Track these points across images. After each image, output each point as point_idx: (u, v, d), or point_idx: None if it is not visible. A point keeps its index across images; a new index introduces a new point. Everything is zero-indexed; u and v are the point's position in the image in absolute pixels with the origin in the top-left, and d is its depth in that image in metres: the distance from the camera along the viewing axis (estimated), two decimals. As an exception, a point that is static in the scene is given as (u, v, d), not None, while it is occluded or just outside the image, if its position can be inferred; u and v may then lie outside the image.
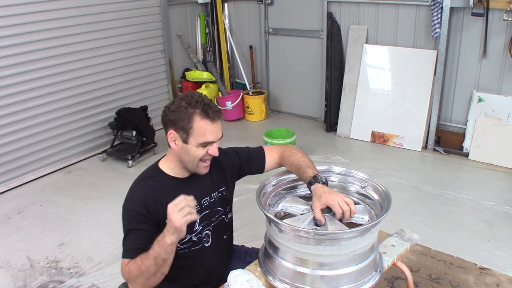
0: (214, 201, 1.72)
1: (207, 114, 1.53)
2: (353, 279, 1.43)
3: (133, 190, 1.63)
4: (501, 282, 2.28)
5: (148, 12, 4.90)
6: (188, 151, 1.56)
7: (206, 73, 5.45)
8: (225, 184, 1.77)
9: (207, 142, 1.55)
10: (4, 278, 2.77)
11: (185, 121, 1.52)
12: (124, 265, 1.52)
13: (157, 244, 1.43)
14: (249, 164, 1.83)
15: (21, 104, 3.91)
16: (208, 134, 1.54)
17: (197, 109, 1.52)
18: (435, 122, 4.33)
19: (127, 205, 1.60)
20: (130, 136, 4.32)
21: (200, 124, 1.52)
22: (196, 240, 1.68)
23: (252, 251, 1.93)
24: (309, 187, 1.59)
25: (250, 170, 1.84)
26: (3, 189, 3.86)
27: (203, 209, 1.68)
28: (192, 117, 1.52)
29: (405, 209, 3.37)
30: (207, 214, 1.70)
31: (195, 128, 1.52)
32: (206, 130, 1.53)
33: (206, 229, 1.70)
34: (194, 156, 1.57)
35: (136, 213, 1.55)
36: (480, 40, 4.00)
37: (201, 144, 1.54)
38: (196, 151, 1.56)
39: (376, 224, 1.42)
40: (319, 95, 5.15)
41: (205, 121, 1.53)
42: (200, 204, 1.67)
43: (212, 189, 1.72)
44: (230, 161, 1.79)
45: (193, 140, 1.54)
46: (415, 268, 2.44)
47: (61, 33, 4.10)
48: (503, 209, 3.35)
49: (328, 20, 4.75)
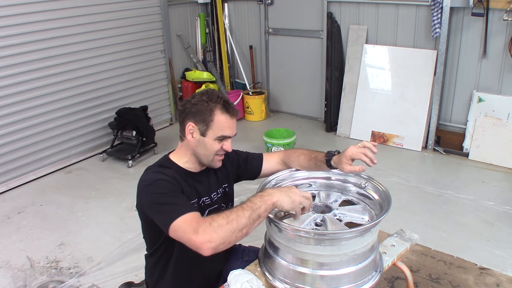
0: (220, 196, 1.76)
1: (227, 109, 1.58)
2: (353, 279, 1.43)
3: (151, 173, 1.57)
4: (501, 282, 2.29)
5: (148, 12, 4.90)
6: (205, 144, 1.60)
7: (206, 73, 5.45)
8: (228, 181, 1.81)
9: (225, 136, 1.59)
10: (4, 278, 2.77)
11: (206, 114, 1.57)
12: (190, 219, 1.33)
13: (259, 198, 1.38)
14: (247, 165, 1.87)
15: (21, 104, 3.91)
16: (227, 129, 1.59)
17: (218, 104, 1.57)
18: (435, 122, 4.33)
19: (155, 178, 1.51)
20: (130, 136, 4.32)
21: (220, 118, 1.57)
22: None
23: (250, 249, 1.94)
24: (329, 164, 1.69)
25: (248, 171, 1.88)
26: (3, 189, 3.86)
27: (213, 203, 1.72)
28: (213, 110, 1.56)
29: (405, 209, 3.37)
30: (215, 209, 1.72)
31: (216, 122, 1.57)
32: (225, 125, 1.58)
33: None
34: (210, 150, 1.60)
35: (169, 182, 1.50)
36: (480, 40, 4.00)
37: (218, 137, 1.59)
38: (212, 144, 1.59)
39: (376, 224, 1.41)
40: (319, 95, 5.15)
41: (225, 115, 1.58)
42: (210, 198, 1.71)
43: (218, 185, 1.76)
44: (231, 160, 1.84)
45: (212, 133, 1.58)
46: (415, 268, 2.45)
47: (61, 33, 4.10)
48: (503, 209, 3.35)
49: (328, 20, 4.75)
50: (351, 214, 1.58)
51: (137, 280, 2.14)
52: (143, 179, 1.56)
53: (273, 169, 1.85)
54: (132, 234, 3.07)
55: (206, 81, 5.43)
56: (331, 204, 1.63)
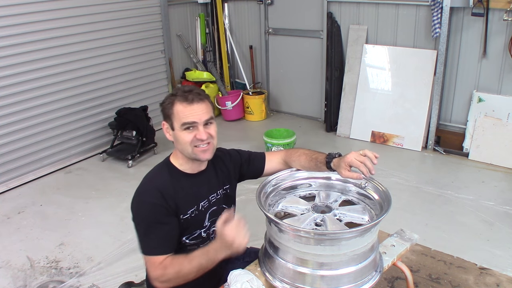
0: (220, 198, 1.76)
1: (185, 98, 1.58)
2: (353, 279, 1.43)
3: (146, 182, 1.64)
4: (501, 282, 2.29)
5: (148, 12, 4.90)
6: (177, 137, 1.61)
7: (206, 73, 5.45)
8: (229, 182, 1.80)
9: (187, 122, 1.57)
10: (4, 278, 2.77)
11: (168, 109, 1.61)
12: (157, 264, 1.53)
13: (206, 256, 1.49)
14: (249, 164, 1.85)
15: (21, 104, 3.91)
16: (188, 115, 1.57)
17: (177, 96, 1.60)
18: (435, 122, 4.33)
19: (143, 198, 1.59)
20: (130, 136, 4.32)
21: (179, 107, 1.58)
22: (205, 236, 1.72)
23: (251, 250, 1.94)
24: (329, 166, 1.67)
25: (250, 170, 1.87)
26: (3, 189, 3.86)
27: (211, 205, 1.72)
28: (173, 103, 1.60)
29: (405, 209, 3.37)
30: (214, 211, 1.72)
31: (175, 112, 1.59)
32: (185, 112, 1.57)
33: (213, 226, 1.72)
34: (183, 142, 1.59)
35: (155, 205, 1.56)
36: (480, 40, 4.00)
37: (183, 126, 1.58)
38: (182, 135, 1.59)
39: (376, 224, 1.42)
40: (319, 95, 5.15)
41: (183, 104, 1.58)
42: (208, 200, 1.71)
43: (218, 186, 1.76)
44: (233, 159, 1.83)
45: (176, 124, 1.59)
46: (415, 268, 2.45)
47: (61, 33, 4.10)
48: (503, 209, 3.35)
49: (328, 20, 4.75)
50: (351, 214, 1.58)
51: (137, 280, 2.14)
52: (139, 187, 1.62)
53: (275, 169, 1.85)
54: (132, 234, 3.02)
55: (206, 81, 5.43)
56: (331, 204, 1.63)
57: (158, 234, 1.56)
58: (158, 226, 1.56)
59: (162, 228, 1.56)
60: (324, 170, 1.72)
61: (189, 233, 1.67)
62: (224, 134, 5.04)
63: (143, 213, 1.58)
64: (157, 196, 1.56)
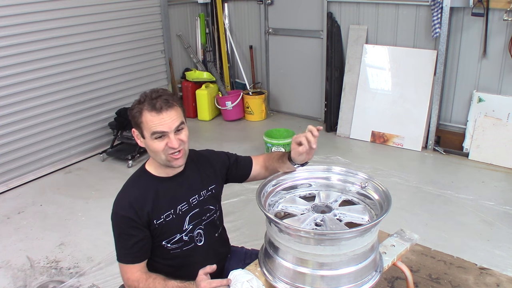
0: (204, 199, 1.73)
1: (153, 106, 1.53)
2: (353, 279, 1.43)
3: (121, 195, 1.67)
4: (501, 282, 2.29)
5: (148, 12, 4.90)
6: (148, 145, 1.59)
7: (206, 73, 5.45)
8: (215, 182, 1.78)
9: (157, 132, 1.54)
10: (4, 278, 2.77)
11: (137, 117, 1.57)
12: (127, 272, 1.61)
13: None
14: (237, 167, 1.84)
15: (21, 104, 3.91)
16: (157, 125, 1.53)
17: (145, 104, 1.55)
18: (435, 122, 4.33)
19: (115, 210, 1.64)
20: (130, 136, 4.32)
21: (147, 117, 1.54)
22: (188, 239, 1.70)
23: (252, 252, 1.94)
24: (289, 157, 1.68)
25: (238, 173, 1.85)
26: (3, 189, 3.87)
27: (192, 208, 1.70)
28: (141, 112, 1.55)
29: (405, 209, 3.37)
30: (197, 213, 1.71)
31: (144, 122, 1.55)
32: (154, 121, 1.53)
33: (197, 228, 1.71)
34: (155, 150, 1.58)
35: (124, 217, 1.60)
36: (480, 40, 4.01)
37: (153, 135, 1.55)
38: (153, 144, 1.56)
39: (376, 224, 1.41)
40: (319, 95, 5.15)
41: (152, 113, 1.53)
42: (188, 202, 1.69)
43: (201, 187, 1.73)
44: (220, 159, 1.82)
45: (146, 133, 1.57)
46: (415, 268, 2.45)
47: (61, 33, 4.10)
48: (503, 209, 3.35)
49: (328, 20, 4.75)
50: (351, 214, 1.58)
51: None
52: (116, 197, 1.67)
53: (259, 173, 1.84)
54: (132, 234, 3.07)
55: (206, 81, 5.44)
56: (331, 204, 1.63)
57: (126, 244, 1.60)
58: (126, 237, 1.60)
59: (130, 239, 1.60)
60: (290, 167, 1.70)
61: (168, 237, 1.66)
62: (224, 134, 5.04)
63: (114, 223, 1.64)
64: (127, 209, 1.60)
